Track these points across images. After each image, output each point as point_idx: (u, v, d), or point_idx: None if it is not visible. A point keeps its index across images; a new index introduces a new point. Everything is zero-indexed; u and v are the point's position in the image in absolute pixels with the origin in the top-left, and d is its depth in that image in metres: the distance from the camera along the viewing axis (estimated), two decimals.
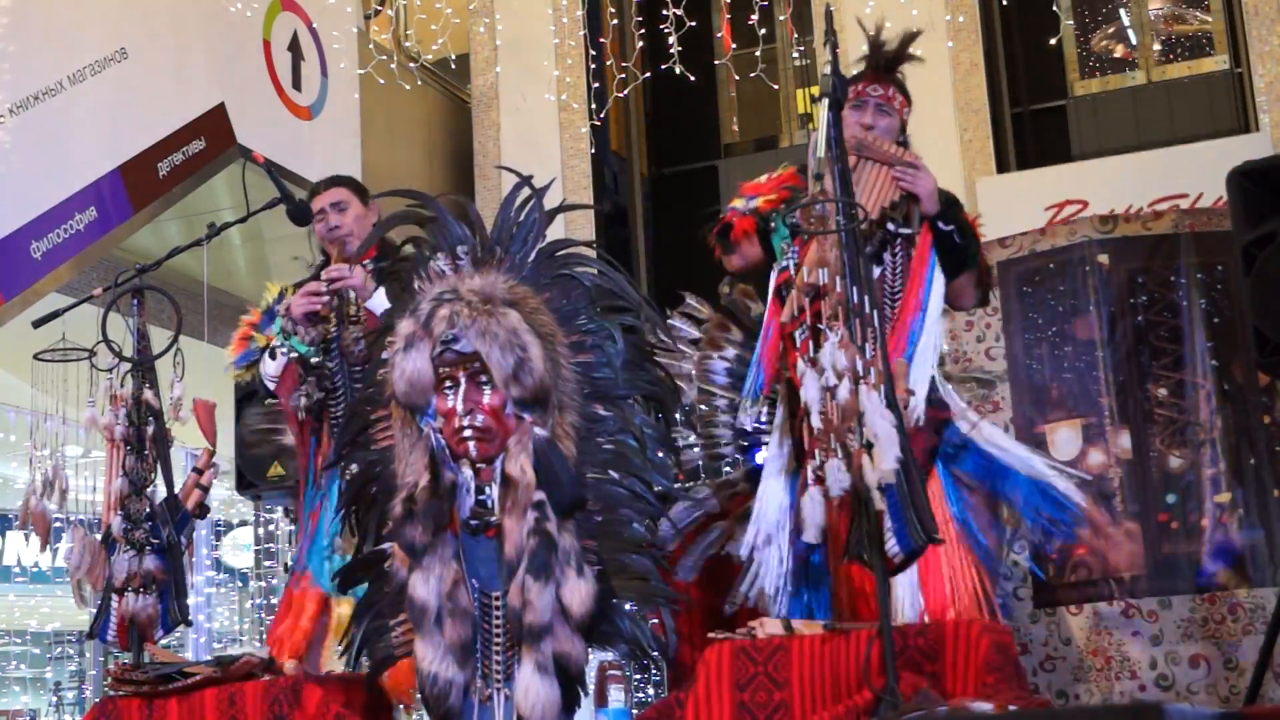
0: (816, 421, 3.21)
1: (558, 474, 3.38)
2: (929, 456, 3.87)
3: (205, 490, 4.17)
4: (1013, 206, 8.72)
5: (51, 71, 7.13)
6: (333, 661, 4.12)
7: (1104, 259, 5.24)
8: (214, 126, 8.02)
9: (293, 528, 5.68)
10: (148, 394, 4.03)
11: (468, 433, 3.41)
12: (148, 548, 3.93)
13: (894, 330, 3.86)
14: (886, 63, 4.18)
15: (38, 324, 4.21)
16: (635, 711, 4.21)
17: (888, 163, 3.93)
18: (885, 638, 3.13)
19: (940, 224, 3.97)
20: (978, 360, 5.32)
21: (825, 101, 3.40)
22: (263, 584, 9.68)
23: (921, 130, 4.42)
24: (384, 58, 9.21)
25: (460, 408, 3.42)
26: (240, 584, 11.29)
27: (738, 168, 10.49)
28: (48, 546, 4.22)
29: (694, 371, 4.36)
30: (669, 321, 4.44)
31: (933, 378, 3.91)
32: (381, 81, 9.19)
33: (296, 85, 8.88)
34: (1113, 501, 5.10)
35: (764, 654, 3.37)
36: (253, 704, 3.63)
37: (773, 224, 3.98)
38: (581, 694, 3.46)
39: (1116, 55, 10.03)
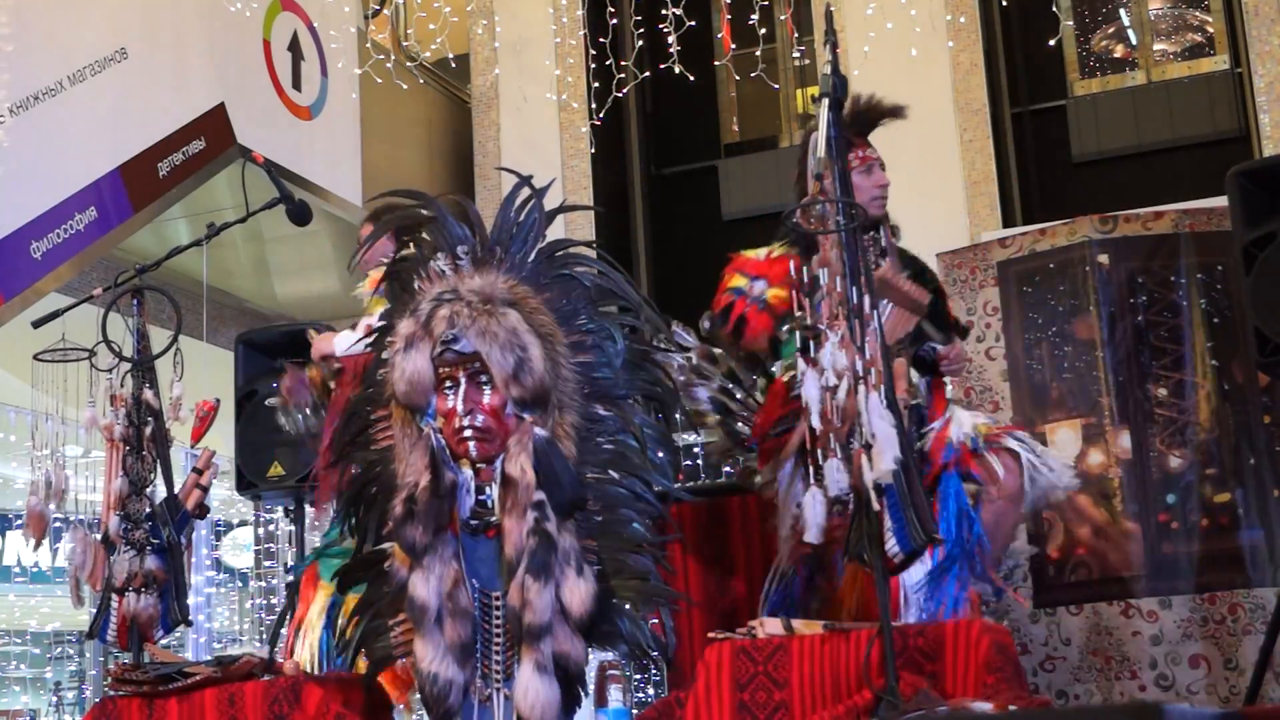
0: (816, 422, 3.21)
1: (558, 474, 3.38)
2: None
3: (205, 490, 4.16)
4: None
5: (51, 71, 7.13)
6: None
7: (1104, 259, 5.24)
8: (214, 126, 8.02)
9: (292, 528, 5.68)
10: (148, 394, 4.02)
11: (468, 433, 3.41)
12: (148, 548, 3.93)
13: None
14: (871, 123, 4.26)
15: (38, 324, 4.20)
16: (635, 711, 4.21)
17: (907, 305, 4.05)
18: (885, 638, 3.13)
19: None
20: (978, 360, 5.32)
21: (825, 101, 3.40)
22: (263, 584, 9.67)
23: (922, 130, 4.44)
24: (383, 57, 9.21)
25: (460, 408, 3.42)
26: (240, 584, 11.28)
27: (738, 168, 10.49)
28: (41, 545, 4.21)
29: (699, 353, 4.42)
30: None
31: None
32: (381, 81, 9.18)
33: (296, 85, 8.87)
34: (1112, 501, 5.10)
35: (764, 654, 3.37)
36: (253, 704, 3.63)
37: (784, 335, 4.05)
38: (581, 694, 3.47)
39: (1116, 55, 10.02)
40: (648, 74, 9.47)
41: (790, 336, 4.01)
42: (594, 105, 9.60)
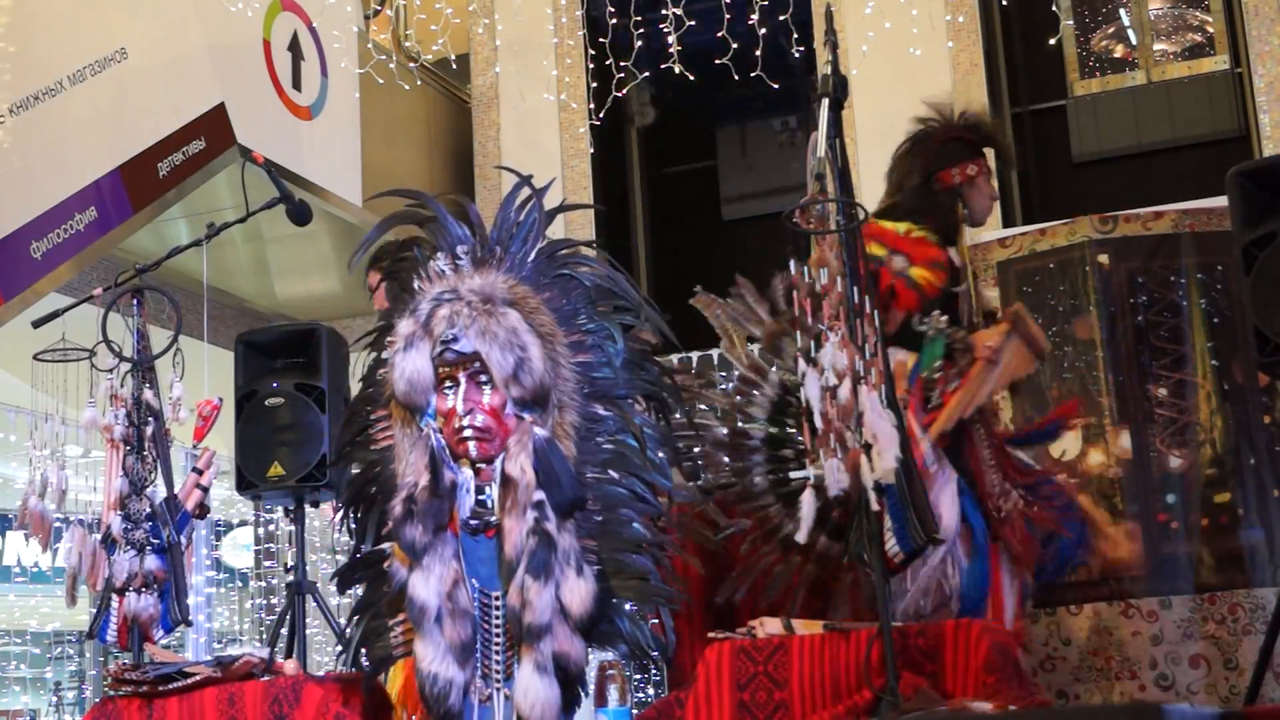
0: (818, 421, 3.21)
1: (557, 474, 3.38)
2: None
3: (205, 490, 4.17)
4: None
5: (51, 71, 7.12)
6: None
7: (1104, 259, 5.24)
8: (214, 126, 8.00)
9: (293, 528, 5.67)
10: (148, 394, 4.03)
11: (468, 433, 3.42)
12: (148, 548, 3.93)
13: None
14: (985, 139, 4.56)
15: (38, 324, 4.21)
16: (635, 711, 4.21)
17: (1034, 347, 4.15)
18: (885, 638, 3.13)
19: None
20: None
21: (825, 101, 3.39)
22: (263, 584, 9.67)
23: None
24: (384, 58, 9.20)
25: (460, 408, 3.42)
26: (240, 584, 11.29)
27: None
28: (48, 547, 4.22)
29: (747, 363, 4.27)
30: (727, 301, 4.36)
31: None
32: (381, 81, 9.17)
33: (296, 85, 8.87)
34: (1112, 501, 5.10)
35: (764, 654, 3.37)
36: (253, 704, 3.63)
37: (928, 330, 4.03)
38: (581, 694, 3.47)
39: (1116, 55, 10.02)
40: (647, 74, 9.46)
41: (936, 336, 4.03)
42: (593, 105, 9.59)
